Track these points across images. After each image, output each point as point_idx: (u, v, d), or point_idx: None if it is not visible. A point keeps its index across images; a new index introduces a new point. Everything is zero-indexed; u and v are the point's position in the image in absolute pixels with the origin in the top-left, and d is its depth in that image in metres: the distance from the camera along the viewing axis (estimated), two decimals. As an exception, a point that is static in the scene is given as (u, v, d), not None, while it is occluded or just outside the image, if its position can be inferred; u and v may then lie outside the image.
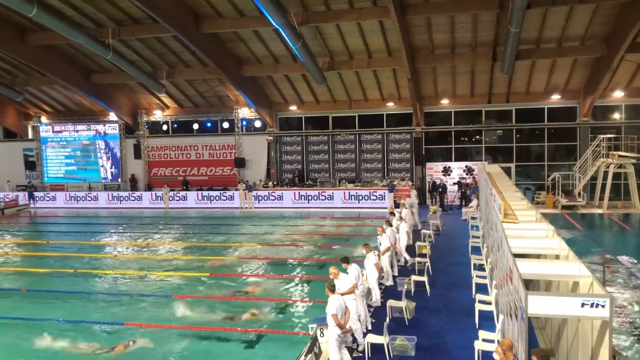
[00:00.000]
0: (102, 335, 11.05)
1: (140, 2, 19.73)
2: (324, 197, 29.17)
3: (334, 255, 17.06)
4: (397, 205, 24.34)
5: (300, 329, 10.77)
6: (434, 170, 29.92)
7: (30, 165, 35.32)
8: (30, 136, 35.78)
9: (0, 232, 24.76)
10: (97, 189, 34.07)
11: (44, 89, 32.45)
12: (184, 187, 32.58)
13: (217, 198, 30.95)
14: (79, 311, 12.64)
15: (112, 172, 34.36)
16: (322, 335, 9.23)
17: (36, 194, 33.26)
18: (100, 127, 34.22)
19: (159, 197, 31.43)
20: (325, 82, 27.03)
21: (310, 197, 29.35)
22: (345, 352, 8.78)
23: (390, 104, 29.91)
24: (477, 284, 12.72)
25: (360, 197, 28.68)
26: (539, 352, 6.13)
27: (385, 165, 30.82)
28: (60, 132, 34.69)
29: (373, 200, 28.39)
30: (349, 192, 28.94)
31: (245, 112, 32.14)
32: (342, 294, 9.34)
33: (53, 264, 17.89)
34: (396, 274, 14.27)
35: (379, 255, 13.01)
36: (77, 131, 34.50)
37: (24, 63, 28.00)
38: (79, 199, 32.89)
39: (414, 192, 25.61)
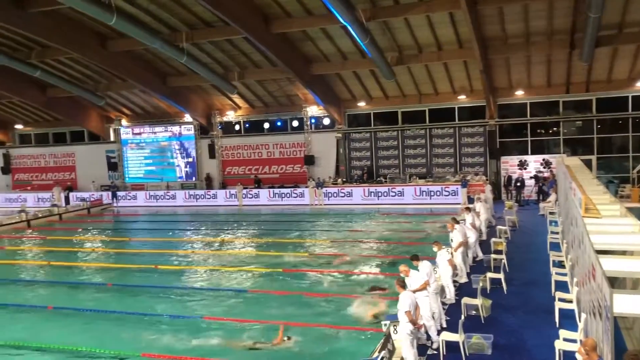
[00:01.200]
0: (197, 329, 11.44)
1: (212, 6, 20.31)
2: (394, 194, 28.93)
3: (407, 251, 16.93)
4: (470, 201, 23.81)
5: (373, 326, 10.71)
6: (509, 164, 29.05)
7: (113, 166, 37.18)
8: (112, 138, 37.62)
9: (87, 230, 26.22)
10: (174, 188, 35.43)
11: (124, 93, 34.05)
12: (257, 185, 33.27)
13: (288, 195, 31.40)
14: (161, 305, 13.16)
15: (186, 171, 35.61)
16: (395, 332, 9.17)
17: (119, 193, 34.96)
18: (176, 129, 35.54)
19: (233, 195, 32.27)
20: (394, 77, 26.76)
21: (380, 194, 29.19)
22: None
23: (462, 97, 29.24)
24: (556, 282, 12.21)
25: (432, 193, 28.21)
26: (629, 354, 5.82)
27: (458, 160, 30.16)
28: (139, 134, 36.32)
29: (445, 196, 27.86)
30: (420, 188, 28.53)
31: (314, 110, 32.41)
32: (414, 291, 9.25)
33: (135, 260, 18.77)
34: (468, 270, 13.99)
35: (451, 252, 12.77)
36: (154, 133, 36.01)
37: (106, 69, 29.47)
38: (158, 197, 34.32)
39: (488, 187, 24.93)
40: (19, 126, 39.59)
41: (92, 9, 19.46)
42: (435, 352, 9.33)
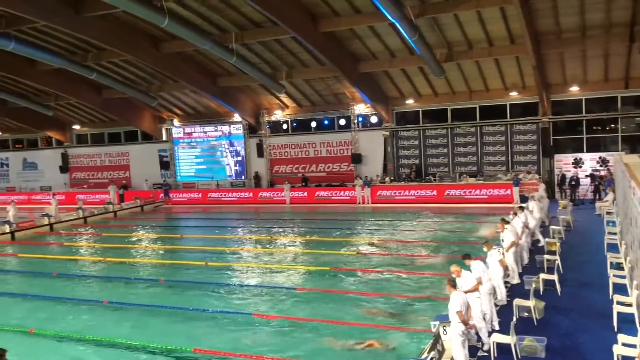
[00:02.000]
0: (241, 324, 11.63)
1: (261, 6, 20.51)
2: (443, 192, 28.47)
3: (458, 251, 16.70)
4: (523, 200, 23.23)
5: (420, 326, 10.57)
6: (563, 162, 28.19)
7: (165, 164, 38.12)
8: (164, 138, 38.53)
9: (141, 227, 26.94)
10: (224, 187, 36.03)
11: (175, 93, 34.80)
12: (304, 184, 33.43)
13: (335, 194, 31.41)
14: (211, 301, 13.38)
15: (236, 170, 36.16)
16: (444, 332, 9.04)
17: (170, 191, 35.78)
18: (225, 128, 36.12)
19: (281, 194, 32.48)
20: (444, 73, 26.35)
21: (429, 192, 28.80)
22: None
23: (514, 94, 28.55)
24: (614, 284, 11.76)
25: (483, 192, 27.62)
26: None
27: (510, 158, 29.47)
28: (190, 133, 37.09)
29: (497, 195, 27.25)
30: (471, 187, 28.00)
31: (361, 108, 32.30)
32: (465, 292, 9.09)
33: (186, 256, 19.19)
34: (520, 270, 13.67)
35: (503, 253, 12.48)
36: (205, 132, 36.70)
37: (158, 70, 30.18)
38: (208, 195, 34.90)
39: (542, 186, 24.22)
40: (76, 126, 41.12)
41: (145, 12, 19.97)
42: (485, 354, 9.15)
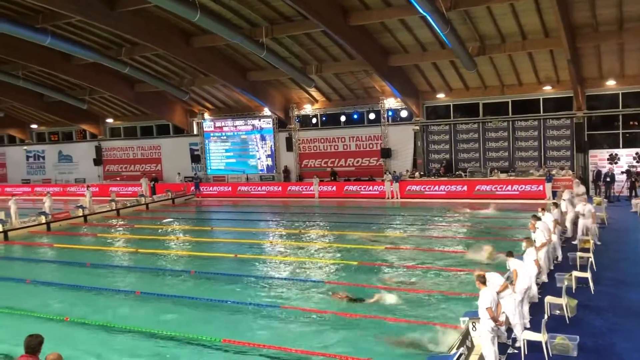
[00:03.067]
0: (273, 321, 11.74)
1: (291, 0, 20.51)
2: (473, 187, 28.13)
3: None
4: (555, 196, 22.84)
5: (448, 322, 10.48)
6: (598, 158, 27.57)
7: (196, 158, 38.57)
8: (195, 132, 38.98)
9: (172, 220, 27.34)
10: (254, 180, 36.31)
11: (206, 88, 35.14)
12: (332, 178, 33.43)
13: (364, 188, 31.33)
14: (240, 293, 13.50)
15: (267, 164, 36.37)
16: (474, 329, 8.95)
17: (201, 184, 36.20)
18: (255, 122, 36.34)
19: (310, 188, 32.56)
20: (476, 67, 26.01)
21: (459, 187, 28.50)
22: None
23: (548, 88, 28.00)
24: (650, 283, 11.51)
25: (515, 188, 27.20)
26: None
27: (542, 154, 28.95)
28: (221, 127, 37.43)
29: (529, 190, 26.81)
30: (502, 182, 27.62)
31: (391, 103, 32.10)
32: (497, 292, 8.97)
33: (216, 249, 19.41)
34: (552, 267, 13.45)
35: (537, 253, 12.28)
36: (235, 126, 36.99)
37: (190, 65, 30.47)
38: (238, 189, 35.20)
39: (576, 182, 23.76)
40: (109, 120, 41.88)
41: (177, 6, 20.20)
42: (515, 351, 9.04)
